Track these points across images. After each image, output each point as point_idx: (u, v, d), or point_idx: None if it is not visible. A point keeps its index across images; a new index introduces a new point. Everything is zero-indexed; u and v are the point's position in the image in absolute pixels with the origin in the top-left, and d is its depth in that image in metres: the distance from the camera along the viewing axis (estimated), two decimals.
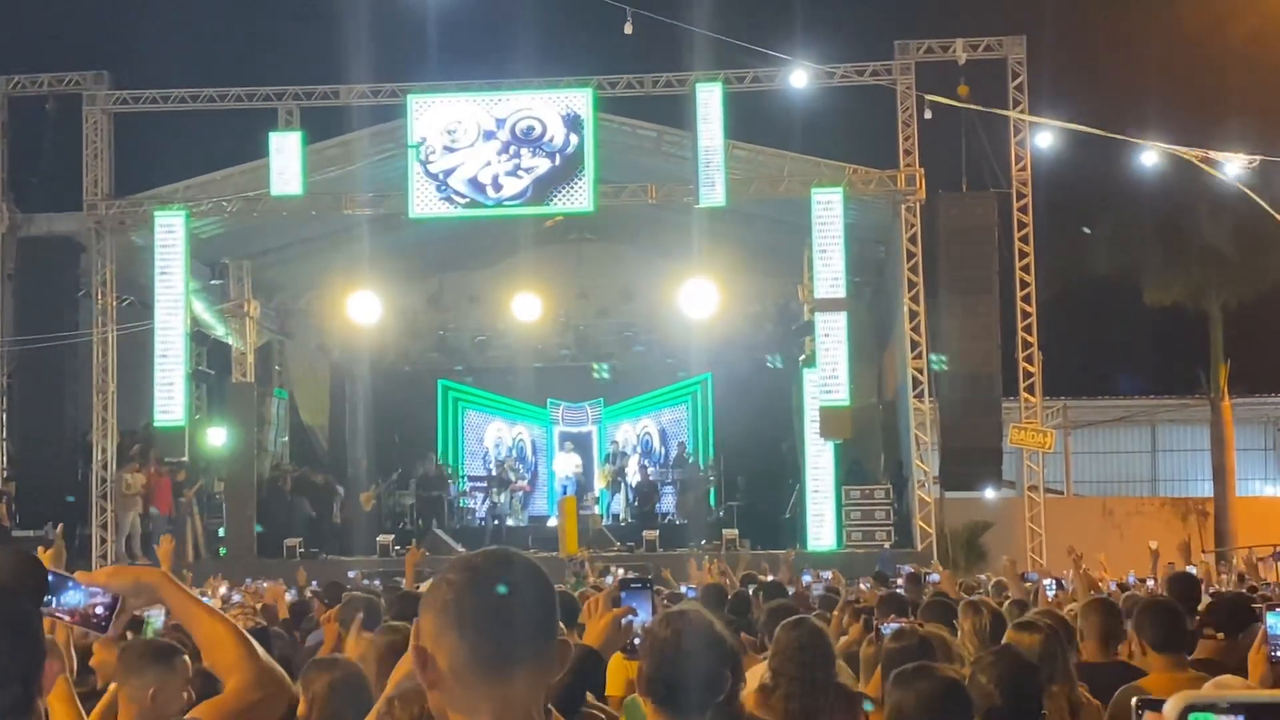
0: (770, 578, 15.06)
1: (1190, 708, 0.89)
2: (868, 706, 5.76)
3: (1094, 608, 7.16)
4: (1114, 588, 15.67)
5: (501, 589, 2.52)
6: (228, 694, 3.12)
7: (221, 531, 27.94)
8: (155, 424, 26.23)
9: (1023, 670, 5.04)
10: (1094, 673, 6.58)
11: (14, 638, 2.70)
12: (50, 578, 3.04)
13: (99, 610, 3.03)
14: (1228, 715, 0.88)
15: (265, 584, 16.45)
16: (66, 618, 3.06)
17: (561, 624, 2.71)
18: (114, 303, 26.91)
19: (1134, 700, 0.85)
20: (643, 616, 4.70)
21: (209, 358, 29.12)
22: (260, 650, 3.13)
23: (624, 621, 4.66)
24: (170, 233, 26.02)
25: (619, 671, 5.90)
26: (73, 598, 3.03)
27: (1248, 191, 24.14)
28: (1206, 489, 33.19)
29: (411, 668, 3.23)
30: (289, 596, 13.96)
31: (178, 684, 5.14)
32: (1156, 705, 0.95)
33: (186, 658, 5.15)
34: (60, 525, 21.61)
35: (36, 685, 2.71)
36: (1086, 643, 6.92)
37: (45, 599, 3.01)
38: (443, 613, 2.52)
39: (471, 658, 2.47)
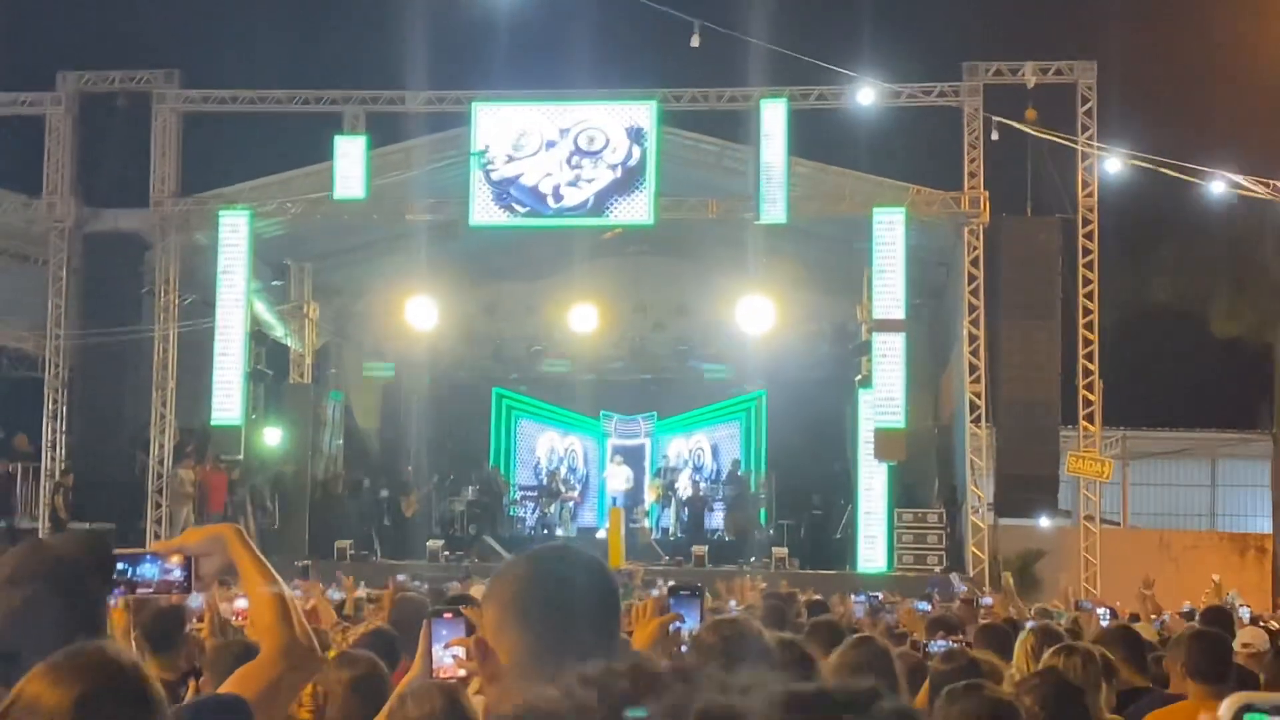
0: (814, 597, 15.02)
1: (1246, 708, 0.91)
2: None
3: (1118, 637, 7.11)
4: (1168, 618, 15.60)
5: (566, 584, 2.53)
6: (257, 663, 3.15)
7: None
8: (212, 422, 26.42)
9: (1067, 692, 5.01)
10: (1129, 698, 6.60)
11: (72, 607, 2.78)
12: (123, 558, 3.22)
13: (176, 574, 3.20)
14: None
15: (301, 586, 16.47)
16: (149, 590, 3.23)
17: None
18: (176, 300, 27.13)
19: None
20: (690, 624, 4.70)
21: (267, 358, 29.30)
22: (298, 622, 3.15)
23: (672, 629, 4.67)
24: (234, 232, 26.23)
25: None
26: (148, 570, 3.21)
27: None
28: (1265, 525, 32.80)
29: (420, 670, 3.25)
30: (334, 596, 13.98)
31: None
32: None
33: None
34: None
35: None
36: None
37: (120, 574, 3.19)
38: (508, 606, 2.54)
39: (533, 651, 2.48)
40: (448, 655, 3.34)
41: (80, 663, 2.24)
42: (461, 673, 3.38)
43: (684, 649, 4.63)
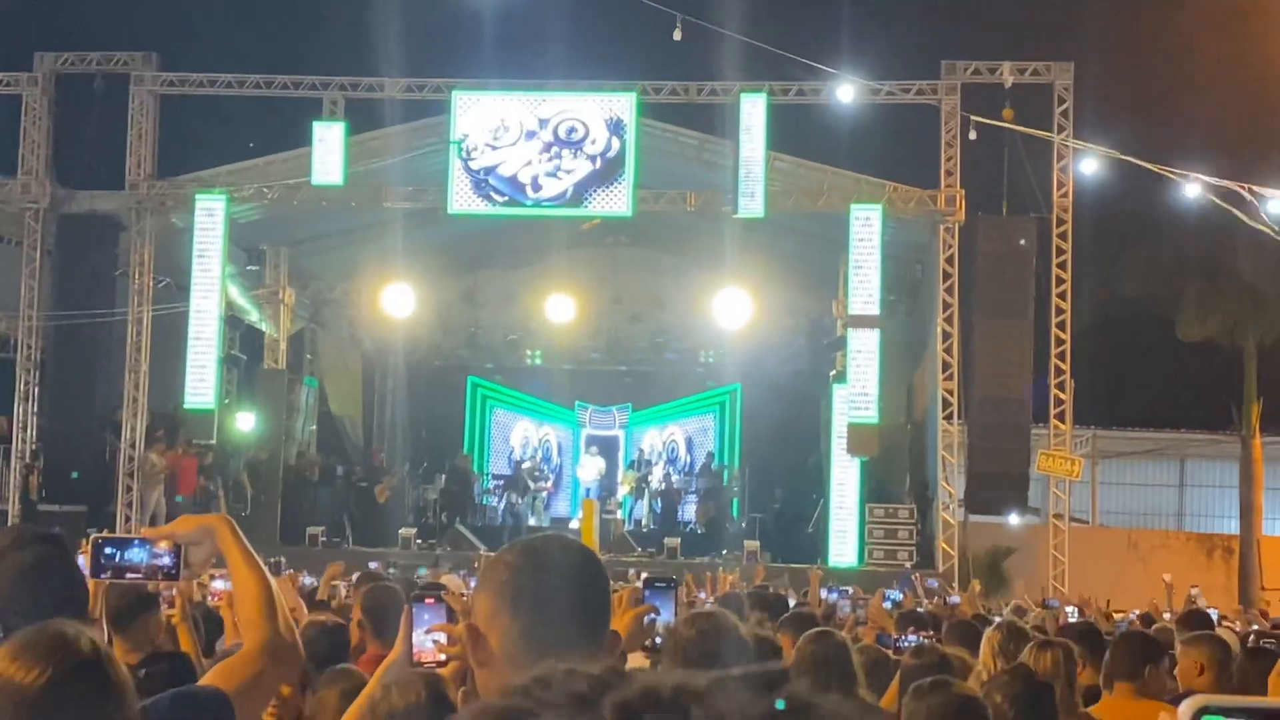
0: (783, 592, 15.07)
1: (1204, 710, 0.93)
2: None
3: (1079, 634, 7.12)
4: (1134, 618, 15.68)
5: (558, 574, 2.54)
6: (239, 657, 3.16)
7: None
8: (185, 406, 26.35)
9: (1036, 689, 5.04)
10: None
11: (71, 572, 2.83)
12: (111, 542, 3.26)
13: (165, 561, 3.21)
14: (1238, 718, 0.92)
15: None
16: (138, 575, 3.24)
17: None
18: (150, 283, 27.03)
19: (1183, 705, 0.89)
20: (665, 616, 4.71)
21: (242, 342, 29.24)
22: (282, 616, 3.16)
23: (647, 620, 4.68)
24: (210, 216, 26.15)
25: None
26: (137, 555, 3.22)
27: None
28: (1233, 526, 33.03)
29: (399, 657, 3.26)
30: (305, 581, 13.99)
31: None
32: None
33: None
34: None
35: (82, 606, 2.82)
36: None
37: (107, 559, 3.21)
38: (499, 594, 2.55)
39: (524, 639, 2.50)
40: (429, 640, 3.36)
41: (47, 644, 2.25)
42: (442, 657, 3.40)
43: (658, 640, 4.64)
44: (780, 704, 0.79)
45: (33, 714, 2.16)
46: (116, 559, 3.22)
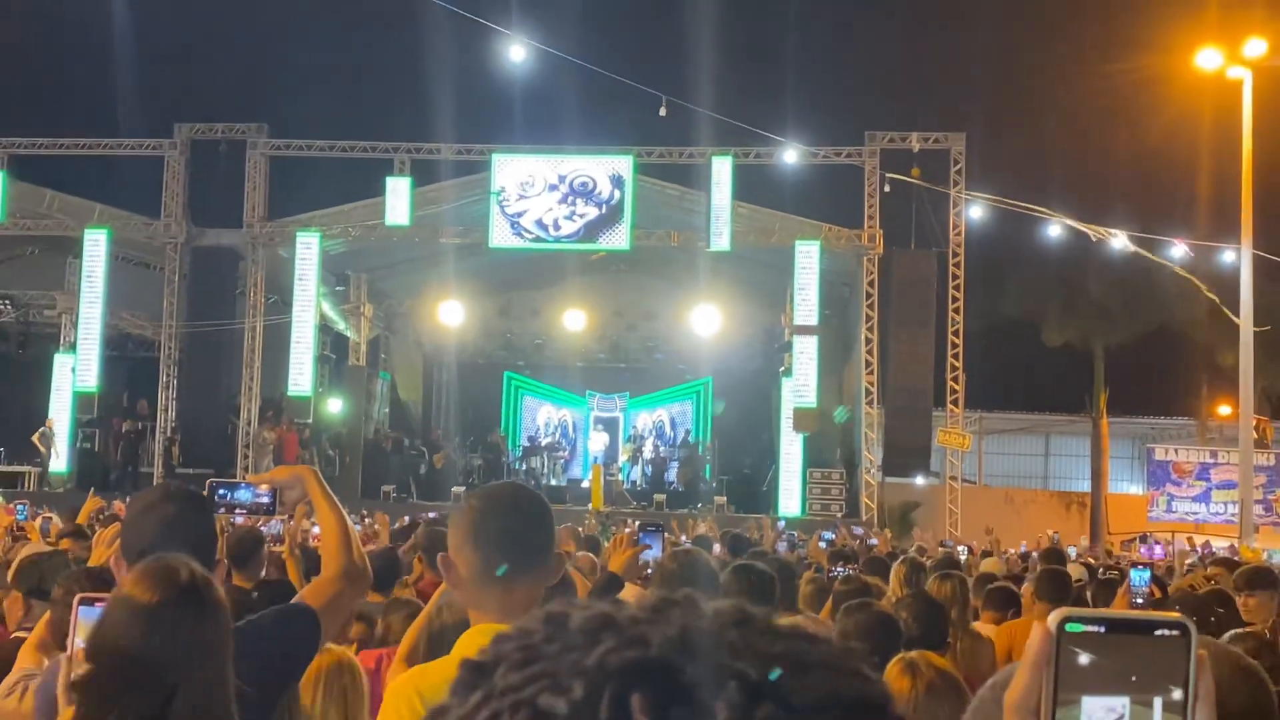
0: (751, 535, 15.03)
1: (1067, 619, 0.93)
2: None
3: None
4: (1011, 553, 15.71)
5: (507, 513, 2.52)
6: (322, 580, 3.15)
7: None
8: (289, 393, 26.34)
9: (933, 608, 5.04)
10: None
11: (205, 520, 2.90)
12: (223, 485, 3.30)
13: (264, 500, 3.23)
14: (1094, 626, 0.92)
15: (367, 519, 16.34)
16: (243, 510, 3.34)
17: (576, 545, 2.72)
18: (262, 300, 27.04)
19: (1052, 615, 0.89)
20: (654, 553, 4.72)
21: (332, 345, 29.24)
22: (355, 548, 3.15)
23: (641, 559, 4.69)
24: (307, 249, 26.14)
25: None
26: (243, 495, 3.27)
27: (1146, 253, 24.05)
28: (1086, 486, 33.07)
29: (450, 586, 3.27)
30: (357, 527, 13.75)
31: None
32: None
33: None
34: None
35: (211, 553, 2.84)
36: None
37: (220, 498, 3.26)
38: (465, 531, 2.53)
39: (483, 568, 2.47)
40: None
41: (160, 572, 2.26)
42: None
43: (649, 572, 4.65)
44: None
45: (146, 625, 2.17)
46: (228, 498, 3.26)
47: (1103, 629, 0.93)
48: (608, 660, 0.70)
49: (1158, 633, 0.94)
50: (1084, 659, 0.93)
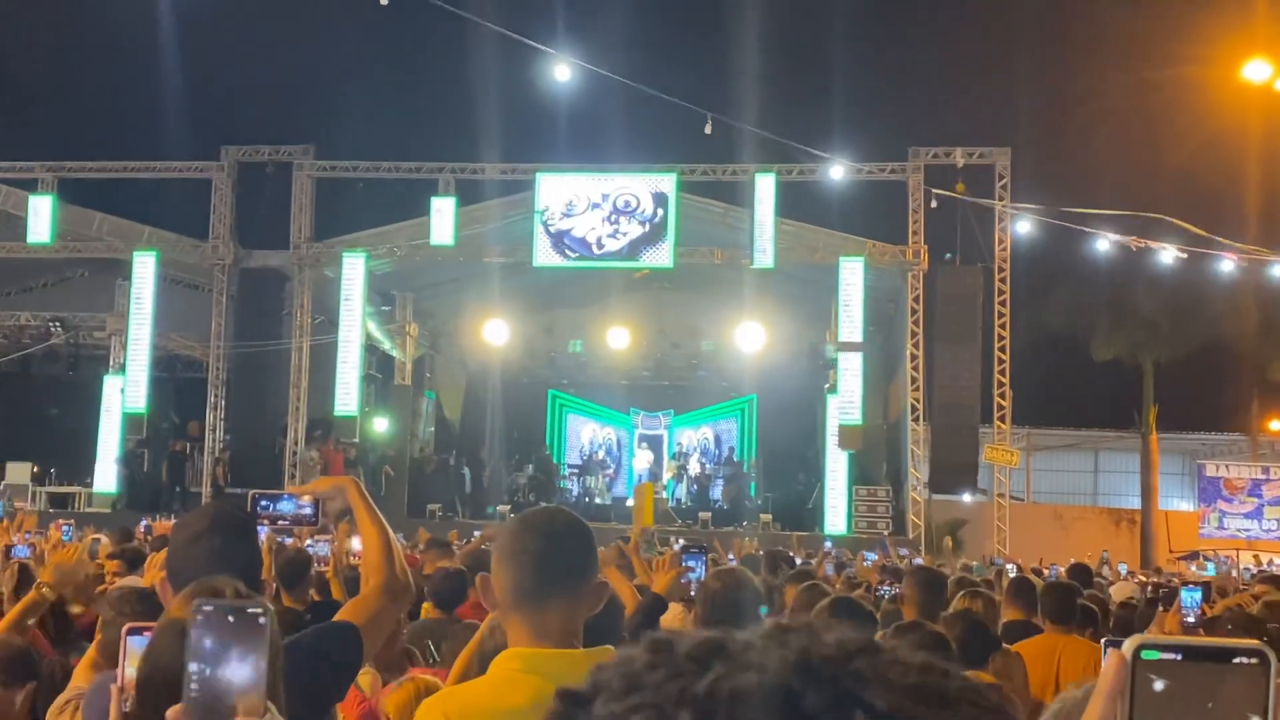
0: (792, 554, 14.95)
1: (1142, 646, 0.89)
2: None
3: (917, 577, 6.43)
4: (1057, 570, 15.51)
5: (541, 537, 2.49)
6: (364, 597, 3.13)
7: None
8: (335, 413, 26.48)
9: (976, 627, 5.00)
10: (1019, 629, 6.58)
11: (251, 550, 2.88)
12: (265, 497, 3.25)
13: (307, 511, 3.20)
14: (1170, 653, 0.88)
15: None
16: (286, 522, 3.25)
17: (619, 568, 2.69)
18: (309, 320, 27.23)
19: (1104, 640, 0.86)
20: (698, 574, 4.69)
21: (377, 365, 29.41)
22: (398, 562, 3.13)
23: (684, 580, 4.67)
24: (353, 269, 26.30)
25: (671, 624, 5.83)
26: (286, 506, 3.21)
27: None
28: (1135, 503, 32.68)
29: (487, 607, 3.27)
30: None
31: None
32: (1118, 644, 0.94)
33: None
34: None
35: (257, 577, 2.83)
36: (905, 607, 6.14)
37: (263, 509, 3.22)
38: (500, 552, 2.53)
39: (513, 589, 2.46)
40: None
41: (208, 594, 2.27)
42: None
43: (692, 593, 4.62)
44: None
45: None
46: (270, 509, 3.22)
47: (1179, 656, 0.90)
48: (719, 686, 0.66)
49: (1236, 660, 0.90)
50: (1159, 686, 0.90)
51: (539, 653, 2.40)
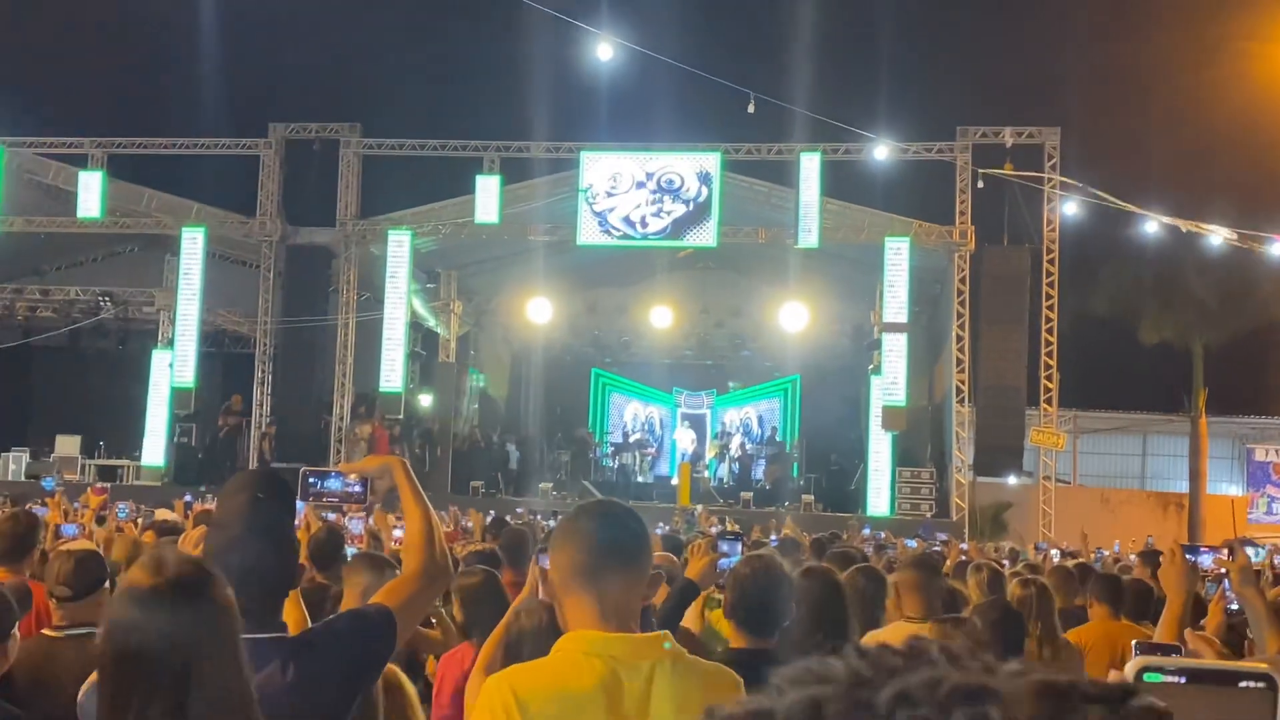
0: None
1: (1145, 669, 0.88)
2: None
3: (915, 566, 6.37)
4: (1104, 554, 15.41)
5: (596, 528, 2.56)
6: (402, 579, 3.14)
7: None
8: (380, 389, 26.64)
9: (1008, 616, 4.96)
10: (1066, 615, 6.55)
11: (288, 517, 2.96)
12: (314, 474, 3.30)
13: (355, 489, 3.24)
14: (1173, 676, 0.87)
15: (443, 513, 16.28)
16: (334, 499, 3.29)
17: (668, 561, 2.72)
18: (354, 297, 27.38)
19: (1134, 642, 0.85)
20: (733, 560, 4.70)
21: (422, 342, 29.53)
22: (438, 544, 3.14)
23: (718, 567, 4.69)
24: (399, 247, 26.40)
25: (696, 613, 5.79)
26: (334, 484, 3.27)
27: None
28: (1184, 487, 32.35)
29: (530, 590, 3.33)
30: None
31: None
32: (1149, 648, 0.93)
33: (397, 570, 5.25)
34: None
35: (288, 540, 2.88)
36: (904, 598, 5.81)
37: (310, 486, 3.28)
38: (559, 534, 2.63)
39: (571, 566, 2.53)
40: None
41: (153, 560, 2.31)
42: None
43: (723, 581, 4.63)
44: None
45: (140, 609, 2.24)
46: (318, 486, 3.26)
47: (1183, 679, 0.89)
48: None
49: (1242, 684, 0.89)
50: None
51: (601, 636, 2.46)
